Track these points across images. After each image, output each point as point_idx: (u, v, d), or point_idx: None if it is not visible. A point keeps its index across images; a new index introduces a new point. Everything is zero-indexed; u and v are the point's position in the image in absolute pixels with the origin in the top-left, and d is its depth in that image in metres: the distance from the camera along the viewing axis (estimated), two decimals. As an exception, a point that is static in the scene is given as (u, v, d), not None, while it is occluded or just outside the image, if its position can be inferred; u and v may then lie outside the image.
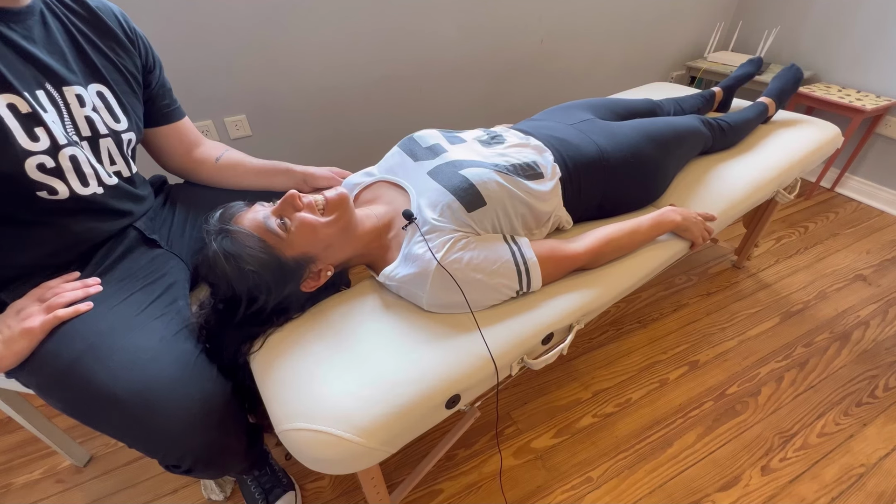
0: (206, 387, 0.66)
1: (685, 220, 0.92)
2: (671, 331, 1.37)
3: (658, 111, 1.27)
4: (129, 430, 0.62)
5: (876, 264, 1.61)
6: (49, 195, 0.63)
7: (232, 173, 0.93)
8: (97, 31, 0.71)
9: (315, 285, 0.75)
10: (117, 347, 0.63)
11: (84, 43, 0.70)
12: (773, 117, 1.35)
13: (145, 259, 0.77)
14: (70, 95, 0.66)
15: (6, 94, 0.59)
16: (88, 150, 0.69)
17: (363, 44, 1.54)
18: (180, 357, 0.66)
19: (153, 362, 0.63)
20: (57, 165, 0.63)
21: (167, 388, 0.62)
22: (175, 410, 0.61)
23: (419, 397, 0.64)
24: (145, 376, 0.61)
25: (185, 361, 0.66)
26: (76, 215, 0.68)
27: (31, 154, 0.60)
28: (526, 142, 0.94)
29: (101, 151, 0.71)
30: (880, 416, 1.13)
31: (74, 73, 0.67)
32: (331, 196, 0.74)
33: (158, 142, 0.87)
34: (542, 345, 0.77)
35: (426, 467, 0.98)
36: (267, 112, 1.52)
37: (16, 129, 0.59)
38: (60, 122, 0.65)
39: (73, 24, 0.69)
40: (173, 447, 0.64)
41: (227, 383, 0.70)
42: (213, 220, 0.70)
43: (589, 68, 2.08)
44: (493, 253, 0.75)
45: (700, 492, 0.99)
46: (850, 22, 1.85)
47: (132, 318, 0.68)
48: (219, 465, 0.73)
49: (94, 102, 0.69)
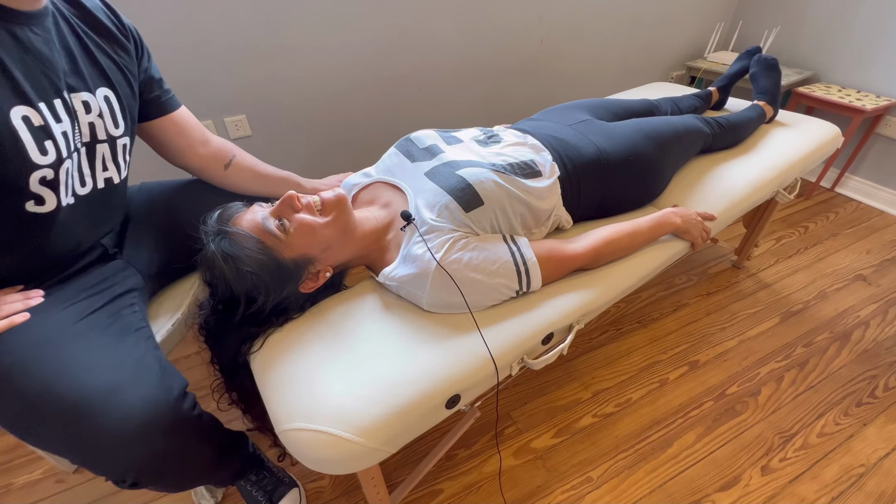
0: (148, 394, 0.62)
1: (685, 223, 0.92)
2: (671, 331, 1.37)
3: (655, 111, 1.27)
4: (64, 443, 0.59)
5: (876, 264, 1.61)
6: (36, 205, 0.61)
7: (239, 179, 0.93)
8: (97, 31, 0.69)
9: (314, 286, 0.75)
10: (51, 357, 0.60)
11: (91, 46, 0.67)
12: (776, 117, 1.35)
13: (102, 271, 0.74)
14: (77, 102, 0.65)
15: (22, 105, 0.57)
16: (84, 157, 0.67)
17: (363, 43, 1.54)
18: (120, 364, 0.63)
19: (87, 371, 0.60)
20: (55, 177, 0.61)
21: (101, 396, 0.58)
22: (109, 420, 0.58)
23: (419, 397, 0.64)
24: (78, 385, 0.58)
25: (125, 368, 0.63)
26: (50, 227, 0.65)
27: (39, 167, 0.58)
28: (523, 141, 0.94)
29: (96, 157, 0.69)
30: (880, 416, 1.13)
31: (84, 79, 0.66)
32: (328, 197, 0.73)
33: (158, 136, 0.84)
34: (542, 345, 0.77)
35: (426, 467, 0.98)
36: (267, 112, 1.52)
37: (28, 143, 0.57)
38: (71, 132, 0.63)
39: (78, 25, 0.67)
40: (110, 459, 0.60)
41: (177, 389, 0.66)
42: (211, 220, 0.70)
43: (589, 68, 2.08)
44: (492, 253, 0.75)
45: (700, 492, 0.99)
46: (850, 22, 1.85)
47: (69, 328, 0.65)
48: (174, 476, 0.68)
49: (101, 107, 0.67)
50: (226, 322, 0.72)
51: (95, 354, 0.63)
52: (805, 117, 1.36)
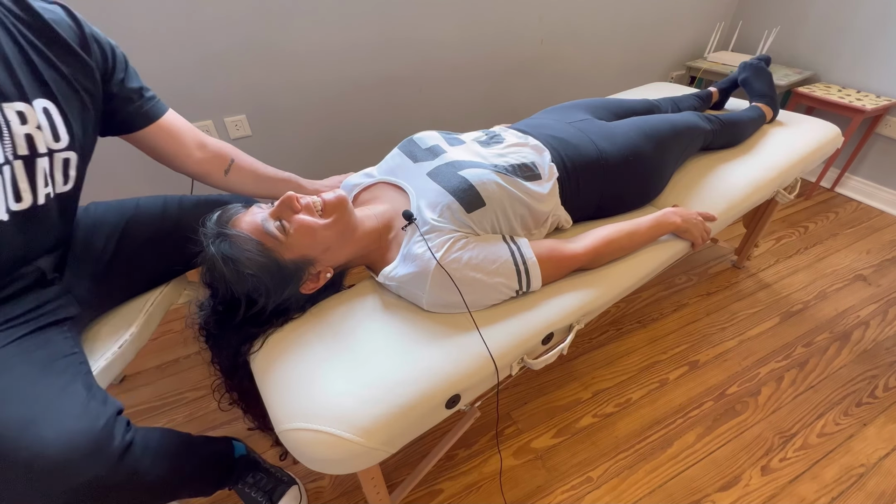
0: (67, 425, 0.57)
1: (685, 222, 0.92)
2: (671, 331, 1.37)
3: (655, 111, 1.27)
4: None
5: (876, 264, 1.61)
6: None
7: (240, 182, 0.92)
8: (46, 40, 0.65)
9: (314, 287, 0.75)
10: None
11: (33, 54, 0.63)
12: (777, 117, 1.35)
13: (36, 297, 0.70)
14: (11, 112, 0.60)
15: None
16: (22, 170, 0.62)
17: (363, 44, 1.54)
18: (37, 395, 0.59)
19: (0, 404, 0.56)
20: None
21: (13, 432, 0.55)
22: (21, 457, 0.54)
23: (419, 397, 0.64)
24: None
25: (42, 400, 0.59)
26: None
27: None
28: (525, 141, 0.94)
29: (37, 172, 0.64)
30: (880, 416, 1.13)
31: (21, 88, 0.61)
32: (329, 198, 0.73)
33: (150, 144, 0.81)
34: (542, 345, 0.77)
35: (426, 467, 0.98)
36: (267, 112, 1.52)
37: None
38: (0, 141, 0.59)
39: (21, 33, 0.63)
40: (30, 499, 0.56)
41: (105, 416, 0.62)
42: (210, 222, 0.69)
43: (589, 68, 2.08)
44: (492, 253, 0.75)
45: (700, 492, 0.99)
46: (850, 22, 1.85)
47: None
48: None
49: (40, 119, 0.63)
50: (226, 323, 0.72)
51: (12, 385, 0.59)
52: (805, 117, 1.36)
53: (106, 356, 0.78)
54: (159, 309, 0.90)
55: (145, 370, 1.31)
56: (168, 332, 1.42)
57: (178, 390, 1.25)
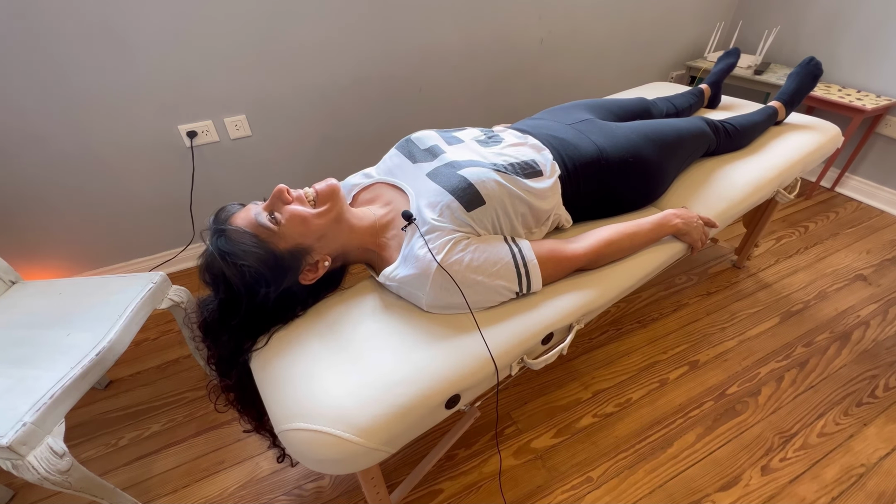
0: None
1: (686, 225, 0.92)
2: (671, 331, 1.37)
3: (651, 109, 1.27)
4: None
5: (876, 264, 1.61)
6: None
7: None
8: None
9: (314, 277, 0.76)
10: None
11: None
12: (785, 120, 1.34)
13: None
14: None
15: None
16: None
17: (363, 44, 1.54)
18: None
19: None
20: None
21: None
22: None
23: (419, 397, 0.64)
24: None
25: None
26: None
27: None
28: (524, 141, 0.94)
29: None
30: (880, 416, 1.13)
31: None
32: (320, 187, 0.75)
33: None
34: (542, 345, 0.77)
35: (426, 467, 0.98)
36: (267, 112, 1.52)
37: None
38: None
39: None
40: None
41: None
42: (209, 222, 0.71)
43: (589, 68, 2.08)
44: (493, 254, 0.75)
45: (700, 492, 0.99)
46: (850, 22, 1.85)
47: None
48: None
49: None
50: (228, 319, 0.72)
51: None
52: (805, 117, 1.36)
53: (83, 363, 0.79)
54: (140, 315, 0.91)
55: (145, 370, 1.31)
56: (168, 332, 1.43)
57: (178, 390, 1.25)
